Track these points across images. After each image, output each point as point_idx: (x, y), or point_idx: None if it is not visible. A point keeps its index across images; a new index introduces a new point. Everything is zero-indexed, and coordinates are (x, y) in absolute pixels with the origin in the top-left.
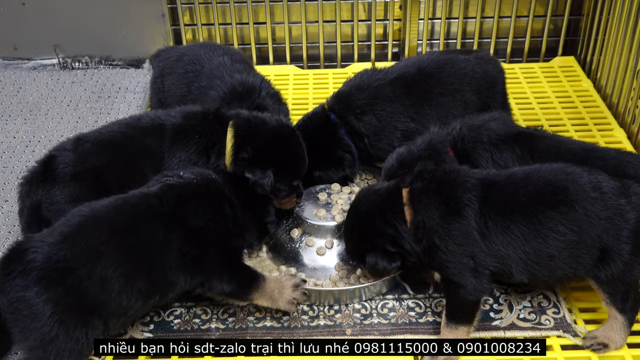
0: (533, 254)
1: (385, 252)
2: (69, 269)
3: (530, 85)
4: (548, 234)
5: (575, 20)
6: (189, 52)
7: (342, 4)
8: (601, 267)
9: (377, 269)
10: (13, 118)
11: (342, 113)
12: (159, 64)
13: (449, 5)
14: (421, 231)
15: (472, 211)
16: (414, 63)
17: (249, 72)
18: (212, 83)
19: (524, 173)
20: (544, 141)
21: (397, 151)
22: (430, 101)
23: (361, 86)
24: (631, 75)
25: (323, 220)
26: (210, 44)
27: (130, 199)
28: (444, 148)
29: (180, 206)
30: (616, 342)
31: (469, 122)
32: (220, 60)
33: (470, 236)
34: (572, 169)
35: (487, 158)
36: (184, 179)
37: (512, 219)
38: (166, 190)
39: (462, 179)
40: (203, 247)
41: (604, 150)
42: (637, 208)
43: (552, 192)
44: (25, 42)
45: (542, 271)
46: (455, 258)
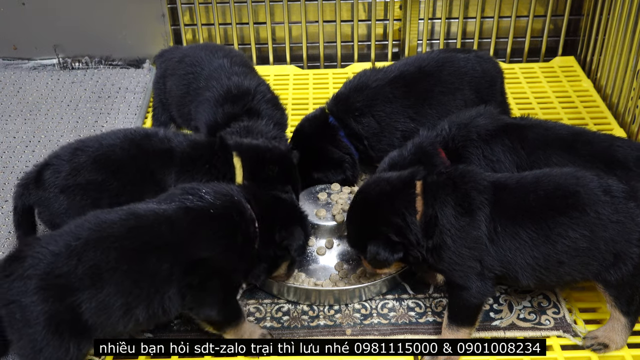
0: (542, 259)
1: (388, 242)
2: (70, 288)
3: (530, 85)
4: (558, 240)
5: (575, 20)
6: (190, 54)
7: (342, 4)
8: (612, 271)
9: (378, 259)
10: (13, 118)
11: (341, 115)
12: (162, 64)
13: (449, 5)
14: (432, 227)
15: (483, 215)
16: (413, 62)
17: (246, 75)
18: (208, 84)
19: (534, 177)
20: (532, 130)
21: (390, 155)
22: (430, 100)
23: (359, 87)
24: (631, 75)
25: (323, 220)
26: (212, 45)
27: (143, 220)
28: (435, 150)
29: (191, 235)
30: (617, 343)
31: (457, 120)
32: (220, 62)
33: (480, 240)
34: (582, 173)
35: (479, 155)
36: (204, 201)
37: (522, 224)
38: (181, 215)
39: (477, 180)
40: (205, 277)
41: (592, 134)
42: None
43: (563, 196)
44: (25, 42)
45: (551, 277)
46: (463, 261)
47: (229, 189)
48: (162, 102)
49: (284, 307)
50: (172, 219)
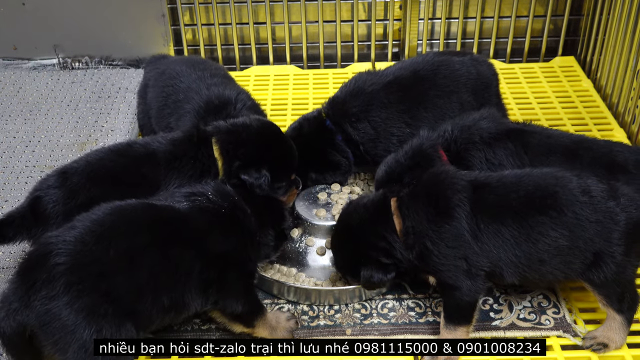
0: (524, 257)
1: (379, 265)
2: (104, 274)
3: (530, 85)
4: (538, 239)
5: (575, 20)
6: (171, 67)
7: (342, 4)
8: (594, 270)
9: (372, 282)
10: (13, 118)
11: (337, 120)
12: (147, 74)
13: (449, 5)
14: (411, 237)
15: (463, 212)
16: (408, 66)
17: (226, 85)
18: (187, 96)
19: (515, 177)
20: (535, 136)
21: (386, 162)
22: (425, 104)
23: (355, 92)
24: (631, 75)
25: (323, 220)
26: (193, 59)
27: (164, 213)
28: (436, 152)
29: (208, 233)
30: (616, 342)
31: (460, 122)
32: (199, 74)
33: (462, 238)
34: (561, 173)
35: (481, 158)
36: (213, 202)
37: (504, 222)
38: (197, 214)
39: (451, 180)
40: (224, 271)
41: (592, 140)
42: (626, 209)
43: (542, 196)
44: (25, 42)
45: (533, 275)
46: (448, 261)
47: (228, 190)
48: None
49: (284, 307)
50: (189, 217)
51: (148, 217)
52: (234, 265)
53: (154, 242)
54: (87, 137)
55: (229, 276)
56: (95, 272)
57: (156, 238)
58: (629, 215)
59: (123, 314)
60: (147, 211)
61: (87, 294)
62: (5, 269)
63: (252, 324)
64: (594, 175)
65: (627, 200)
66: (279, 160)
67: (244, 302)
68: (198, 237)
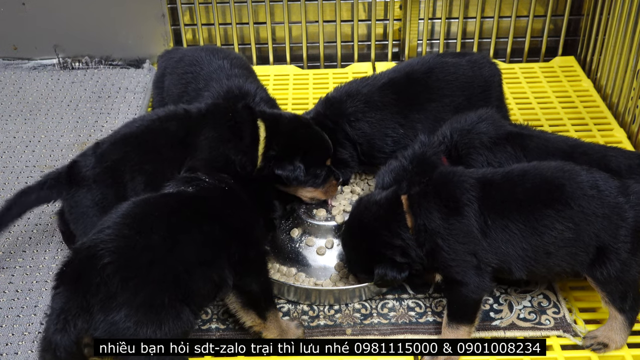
0: (531, 250)
1: (394, 263)
2: (155, 261)
3: (530, 85)
4: (544, 231)
5: (575, 20)
6: (190, 54)
7: (342, 4)
8: (598, 266)
9: (386, 280)
10: (13, 118)
11: (335, 119)
12: (162, 63)
13: (449, 5)
14: (423, 234)
15: (472, 210)
16: (402, 68)
17: (246, 77)
18: (208, 85)
19: (522, 170)
20: (533, 139)
21: (391, 169)
22: (418, 107)
23: (352, 93)
24: (631, 75)
25: (323, 220)
26: (212, 47)
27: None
28: (439, 160)
29: (223, 209)
30: (616, 342)
31: (458, 126)
32: (220, 63)
33: (472, 234)
34: (570, 166)
35: (482, 162)
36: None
37: (511, 217)
38: (207, 194)
39: (460, 180)
40: (244, 246)
41: (587, 145)
42: (635, 207)
43: (549, 189)
44: (25, 42)
45: (540, 268)
46: (458, 256)
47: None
48: (162, 102)
49: (284, 307)
50: (202, 197)
51: (171, 200)
52: (252, 242)
53: (190, 219)
54: (87, 137)
55: (249, 252)
56: (146, 262)
57: (188, 216)
58: (638, 214)
59: (178, 299)
60: (166, 197)
61: (142, 286)
62: (5, 269)
63: (264, 315)
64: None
65: (637, 199)
66: (311, 148)
67: (261, 281)
68: (218, 213)
